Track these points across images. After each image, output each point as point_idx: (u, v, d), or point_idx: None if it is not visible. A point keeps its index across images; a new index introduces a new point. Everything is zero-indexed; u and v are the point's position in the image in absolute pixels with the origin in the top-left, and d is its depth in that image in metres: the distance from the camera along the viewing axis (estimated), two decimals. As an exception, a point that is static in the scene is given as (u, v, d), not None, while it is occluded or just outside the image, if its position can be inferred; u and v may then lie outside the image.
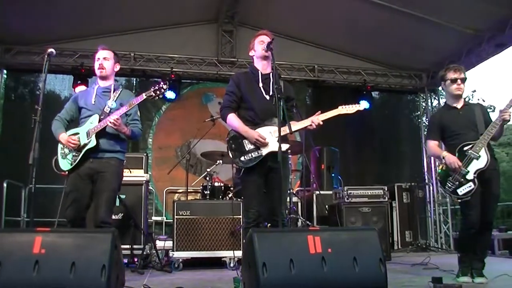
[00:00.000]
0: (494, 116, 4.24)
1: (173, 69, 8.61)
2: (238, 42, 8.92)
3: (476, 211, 4.10)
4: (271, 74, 3.90)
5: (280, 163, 3.33)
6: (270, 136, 3.73)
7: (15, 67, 8.44)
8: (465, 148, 4.16)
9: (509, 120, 4.03)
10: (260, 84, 3.89)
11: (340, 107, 3.88)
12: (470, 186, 4.09)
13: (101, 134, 4.05)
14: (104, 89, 4.26)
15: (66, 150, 4.12)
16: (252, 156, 3.72)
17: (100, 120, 4.06)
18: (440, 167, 4.37)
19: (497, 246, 7.35)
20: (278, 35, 4.08)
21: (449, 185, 4.20)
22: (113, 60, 4.33)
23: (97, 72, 4.27)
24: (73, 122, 4.28)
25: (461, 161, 4.12)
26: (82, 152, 4.02)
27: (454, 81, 4.31)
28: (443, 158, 4.23)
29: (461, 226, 4.43)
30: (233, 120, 3.84)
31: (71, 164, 4.04)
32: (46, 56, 3.80)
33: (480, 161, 4.09)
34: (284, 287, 2.54)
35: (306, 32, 9.13)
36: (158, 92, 4.07)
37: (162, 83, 4.10)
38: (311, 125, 3.78)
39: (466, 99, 4.47)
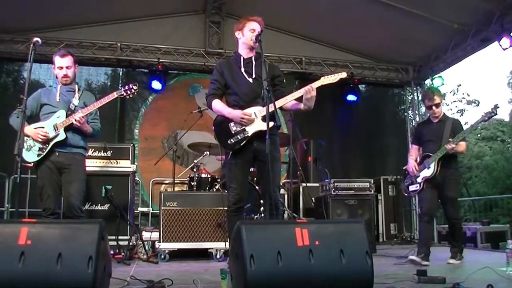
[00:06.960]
0: (479, 110, 4.36)
1: (160, 60, 8.52)
2: (225, 33, 8.85)
3: (427, 205, 5.16)
4: (253, 57, 3.94)
5: (267, 143, 3.35)
6: (255, 116, 3.76)
7: (-3, 55, 8.25)
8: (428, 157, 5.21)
9: (454, 150, 4.94)
10: (242, 69, 3.94)
11: (322, 78, 3.98)
12: (416, 187, 5.31)
13: (68, 128, 4.29)
14: (68, 88, 4.53)
15: (31, 142, 4.25)
16: (238, 138, 3.77)
17: (67, 115, 4.29)
18: (404, 167, 5.60)
19: (480, 239, 7.36)
20: (265, 27, 4.07)
21: (405, 182, 5.51)
22: (74, 65, 4.52)
23: (62, 80, 4.45)
24: (32, 118, 4.38)
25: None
26: (50, 145, 4.22)
27: (429, 108, 5.25)
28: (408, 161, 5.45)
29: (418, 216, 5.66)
30: (217, 105, 3.90)
31: (38, 156, 4.21)
32: (31, 45, 3.76)
33: (429, 171, 5.14)
34: (272, 279, 2.55)
35: (293, 24, 9.11)
36: (128, 92, 4.42)
37: (132, 84, 4.45)
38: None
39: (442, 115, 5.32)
